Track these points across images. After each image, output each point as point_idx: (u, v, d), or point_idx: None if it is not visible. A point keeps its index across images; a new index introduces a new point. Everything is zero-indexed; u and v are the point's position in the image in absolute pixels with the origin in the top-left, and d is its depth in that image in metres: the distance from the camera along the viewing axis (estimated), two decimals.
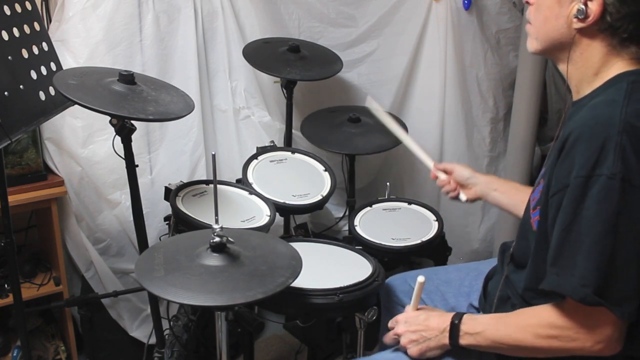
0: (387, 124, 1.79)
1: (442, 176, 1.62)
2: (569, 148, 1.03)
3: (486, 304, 1.38)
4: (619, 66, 1.11)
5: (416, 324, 1.27)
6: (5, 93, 1.39)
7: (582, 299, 1.01)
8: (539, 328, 1.11)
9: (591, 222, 1.00)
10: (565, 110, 1.24)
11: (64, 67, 1.69)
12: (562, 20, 1.12)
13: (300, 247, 1.42)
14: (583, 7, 1.08)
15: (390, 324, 1.34)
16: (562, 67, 1.18)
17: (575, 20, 1.10)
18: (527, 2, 1.20)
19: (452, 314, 1.24)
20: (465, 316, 1.22)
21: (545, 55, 1.21)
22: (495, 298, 1.30)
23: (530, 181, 2.57)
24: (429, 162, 1.65)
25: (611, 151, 0.99)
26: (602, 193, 0.99)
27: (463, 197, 1.58)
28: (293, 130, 2.28)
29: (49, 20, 2.01)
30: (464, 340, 1.20)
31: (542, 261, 1.11)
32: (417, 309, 1.33)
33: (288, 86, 2.16)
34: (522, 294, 1.22)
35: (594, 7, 1.07)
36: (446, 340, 1.22)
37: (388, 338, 1.33)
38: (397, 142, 2.15)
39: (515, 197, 1.51)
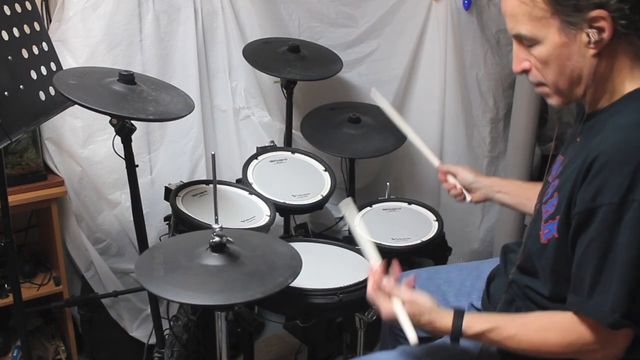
0: (393, 118, 1.75)
1: (451, 180, 1.60)
2: (596, 171, 1.01)
3: (489, 306, 1.38)
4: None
5: (418, 317, 1.19)
6: (5, 93, 1.39)
7: (612, 325, 1.02)
8: (555, 347, 1.10)
9: (625, 248, 1.00)
10: (577, 119, 1.21)
11: (64, 67, 1.69)
12: (575, 57, 1.05)
13: (300, 247, 1.42)
14: (593, 30, 1.02)
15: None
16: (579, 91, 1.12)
17: (591, 46, 1.03)
18: (525, 70, 1.13)
19: (450, 322, 1.16)
20: (464, 331, 1.15)
21: (574, 101, 1.14)
22: (501, 302, 1.29)
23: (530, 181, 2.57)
24: (435, 161, 1.63)
25: None
26: (635, 219, 0.98)
27: (468, 197, 1.58)
28: (293, 130, 2.28)
29: (49, 20, 2.01)
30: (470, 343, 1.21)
31: (563, 275, 1.11)
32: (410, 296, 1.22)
33: (288, 86, 2.16)
34: (535, 299, 1.21)
35: (603, 24, 1.01)
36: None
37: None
38: (397, 144, 2.16)
39: (520, 195, 1.51)
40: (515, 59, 1.14)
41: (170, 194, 1.77)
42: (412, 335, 1.14)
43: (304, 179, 2.01)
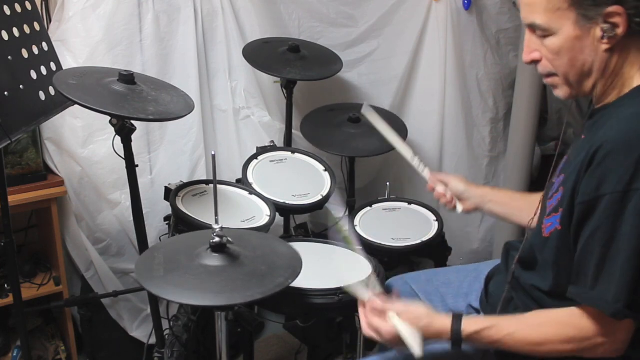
0: (383, 132, 1.75)
1: (440, 189, 1.58)
2: (599, 160, 1.01)
3: (488, 305, 1.38)
4: None
5: (417, 322, 1.20)
6: (5, 93, 1.39)
7: (614, 314, 1.02)
8: (554, 343, 1.10)
9: (629, 237, 1.00)
10: (586, 113, 1.21)
11: (64, 67, 1.69)
12: (588, 50, 1.06)
13: (300, 247, 1.42)
14: (607, 25, 1.03)
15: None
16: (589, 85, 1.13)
17: (604, 41, 1.05)
18: (534, 61, 1.13)
19: (448, 323, 1.17)
20: (463, 330, 1.15)
21: (582, 95, 1.14)
22: (502, 300, 1.29)
23: (530, 181, 2.57)
24: (426, 174, 1.63)
25: None
26: (639, 208, 0.98)
27: (459, 208, 1.57)
28: (293, 130, 2.28)
29: (49, 20, 2.01)
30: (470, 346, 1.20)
31: (564, 268, 1.11)
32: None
33: (288, 86, 2.16)
34: (535, 296, 1.21)
35: (618, 20, 1.02)
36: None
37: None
38: None
39: (511, 205, 1.50)
40: (526, 48, 1.14)
41: (170, 194, 1.77)
42: (417, 349, 1.13)
43: (304, 179, 2.01)
